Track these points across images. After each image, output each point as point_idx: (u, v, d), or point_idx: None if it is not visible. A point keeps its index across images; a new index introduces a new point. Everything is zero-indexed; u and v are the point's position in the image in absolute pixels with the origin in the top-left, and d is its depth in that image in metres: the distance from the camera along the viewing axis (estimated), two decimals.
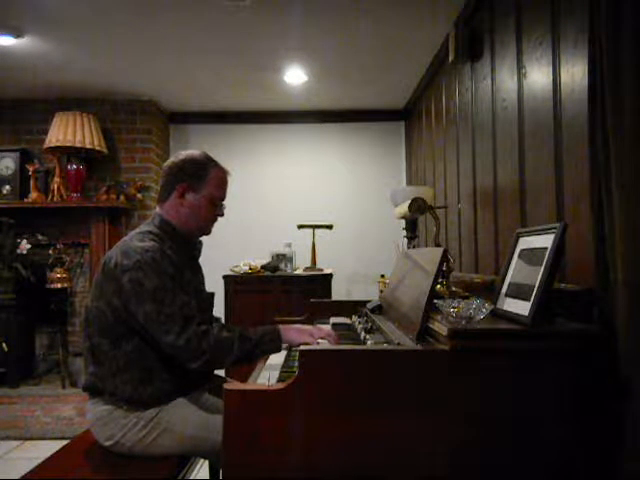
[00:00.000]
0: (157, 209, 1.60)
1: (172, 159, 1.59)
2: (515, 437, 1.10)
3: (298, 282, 3.42)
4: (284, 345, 1.50)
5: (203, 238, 1.68)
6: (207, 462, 1.75)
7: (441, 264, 1.36)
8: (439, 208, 2.34)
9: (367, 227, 4.31)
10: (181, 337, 1.34)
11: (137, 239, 1.46)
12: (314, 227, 3.72)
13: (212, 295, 1.73)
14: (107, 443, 1.45)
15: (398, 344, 1.28)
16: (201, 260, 1.72)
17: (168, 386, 1.46)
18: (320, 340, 1.51)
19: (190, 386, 1.52)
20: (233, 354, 1.38)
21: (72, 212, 3.77)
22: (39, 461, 1.44)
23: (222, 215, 1.64)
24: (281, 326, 1.50)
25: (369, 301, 2.07)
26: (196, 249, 1.68)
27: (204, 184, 1.56)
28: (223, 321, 3.21)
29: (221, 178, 1.60)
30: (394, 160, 4.41)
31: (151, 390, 1.43)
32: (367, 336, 1.51)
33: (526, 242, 1.35)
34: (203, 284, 1.71)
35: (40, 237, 3.68)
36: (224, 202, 1.65)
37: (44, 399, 3.32)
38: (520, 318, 1.17)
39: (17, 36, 2.84)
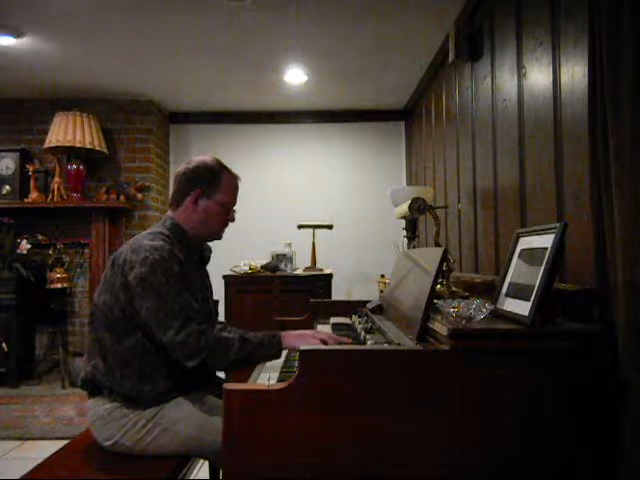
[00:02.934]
0: (169, 212, 1.62)
1: (186, 165, 1.61)
2: (515, 437, 1.10)
3: (298, 282, 3.42)
4: (284, 352, 1.49)
5: None
6: (207, 462, 1.75)
7: (441, 264, 1.35)
8: (439, 208, 2.34)
9: (367, 227, 4.31)
10: (180, 334, 1.35)
11: (148, 238, 1.48)
12: (314, 227, 3.72)
13: (216, 302, 1.74)
14: (107, 443, 1.45)
15: (398, 344, 1.28)
16: None
17: (167, 384, 1.46)
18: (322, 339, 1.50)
19: (190, 386, 1.52)
20: (231, 355, 1.38)
21: (72, 212, 3.77)
22: (39, 461, 1.45)
23: (233, 220, 1.66)
24: (282, 332, 1.50)
25: (369, 301, 2.07)
26: (205, 255, 1.70)
27: (217, 190, 1.58)
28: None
29: (233, 184, 1.63)
30: (394, 160, 4.41)
31: (150, 387, 1.44)
32: (367, 336, 1.51)
33: (526, 242, 1.35)
34: (210, 291, 1.72)
35: (40, 237, 3.68)
36: (235, 207, 1.66)
37: (44, 399, 3.31)
38: (520, 318, 1.17)
39: (17, 36, 2.84)
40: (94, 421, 1.47)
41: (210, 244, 1.73)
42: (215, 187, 1.58)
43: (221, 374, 1.95)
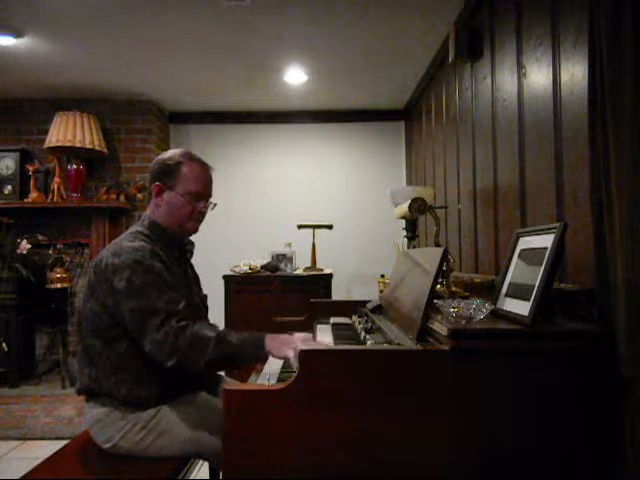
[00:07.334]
0: (147, 210, 1.62)
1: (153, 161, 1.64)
2: (515, 437, 1.10)
3: (298, 282, 3.42)
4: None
5: (203, 238, 1.67)
6: (207, 463, 1.75)
7: (441, 264, 1.35)
8: (439, 208, 2.34)
9: (367, 227, 4.31)
10: (159, 332, 1.31)
11: (127, 240, 1.47)
12: (314, 227, 3.72)
13: (205, 297, 1.71)
14: (106, 445, 1.44)
15: (398, 344, 1.28)
16: (201, 260, 1.71)
17: (164, 386, 1.45)
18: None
19: (187, 386, 1.51)
20: (207, 355, 1.30)
21: (72, 212, 3.77)
22: (39, 461, 1.44)
23: (204, 212, 1.60)
24: (268, 335, 1.41)
25: (369, 301, 2.07)
26: (187, 250, 1.68)
27: (177, 181, 1.54)
28: (223, 322, 3.19)
29: (197, 173, 1.56)
30: (394, 160, 4.41)
31: (147, 391, 1.43)
32: (367, 336, 1.51)
33: (526, 242, 1.35)
34: (197, 286, 1.70)
35: (40, 237, 3.68)
36: (210, 199, 1.60)
37: (44, 399, 3.31)
38: (520, 318, 1.17)
39: (17, 36, 2.84)
40: (92, 424, 1.46)
41: (210, 244, 1.73)
42: (174, 178, 1.53)
43: (220, 372, 1.95)
